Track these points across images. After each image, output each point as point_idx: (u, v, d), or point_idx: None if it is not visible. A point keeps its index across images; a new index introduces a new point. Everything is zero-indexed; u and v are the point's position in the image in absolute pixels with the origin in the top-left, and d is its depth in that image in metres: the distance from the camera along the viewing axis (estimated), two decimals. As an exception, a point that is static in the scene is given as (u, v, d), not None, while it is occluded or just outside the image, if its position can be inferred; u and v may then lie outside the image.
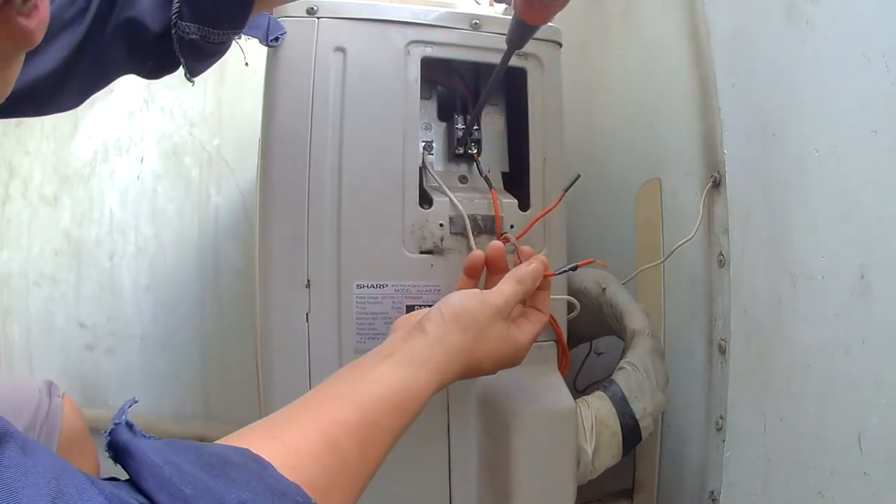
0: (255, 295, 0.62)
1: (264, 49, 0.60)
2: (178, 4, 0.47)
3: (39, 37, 0.27)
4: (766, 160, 0.63)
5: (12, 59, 0.28)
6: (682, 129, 0.76)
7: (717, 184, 0.70)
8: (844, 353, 0.54)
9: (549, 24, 0.66)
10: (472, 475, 0.62)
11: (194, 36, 0.47)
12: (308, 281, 0.58)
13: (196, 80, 0.52)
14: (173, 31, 0.47)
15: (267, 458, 0.33)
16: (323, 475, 0.35)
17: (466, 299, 0.48)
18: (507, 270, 0.55)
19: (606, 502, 0.82)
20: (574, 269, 0.56)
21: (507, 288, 0.50)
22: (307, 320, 0.58)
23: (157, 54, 0.49)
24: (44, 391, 0.73)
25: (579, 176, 0.62)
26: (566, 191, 0.62)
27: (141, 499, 0.27)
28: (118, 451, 0.30)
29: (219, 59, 0.53)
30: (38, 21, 0.27)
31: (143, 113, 1.25)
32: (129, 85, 1.24)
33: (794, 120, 0.60)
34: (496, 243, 0.55)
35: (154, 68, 0.51)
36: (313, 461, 0.35)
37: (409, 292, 0.60)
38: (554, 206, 0.62)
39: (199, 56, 0.50)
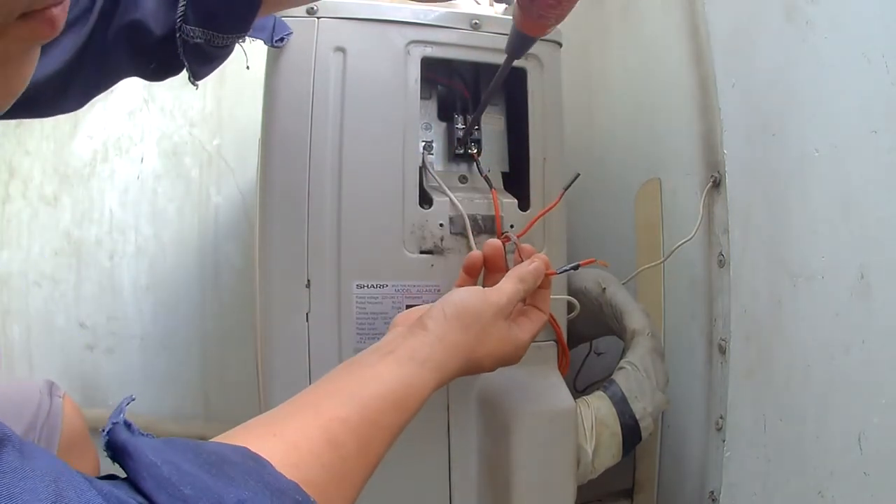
0: (255, 295, 0.62)
1: (264, 49, 0.60)
2: (182, 8, 0.46)
3: (62, 24, 0.27)
4: (766, 160, 0.63)
5: (31, 51, 0.28)
6: (682, 129, 0.76)
7: (717, 184, 0.70)
8: (844, 353, 0.54)
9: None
10: (472, 475, 0.62)
11: (199, 40, 0.47)
12: (308, 281, 0.58)
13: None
14: (177, 35, 0.47)
15: (266, 456, 0.33)
16: (323, 473, 0.35)
17: (468, 297, 0.48)
18: (505, 269, 0.55)
19: (606, 502, 0.82)
20: (575, 268, 0.56)
21: (508, 286, 0.50)
22: (307, 320, 0.58)
23: (161, 57, 0.49)
24: (44, 391, 0.73)
25: (578, 175, 0.62)
26: (566, 190, 0.62)
27: (139, 498, 0.27)
28: (116, 451, 0.30)
29: (222, 62, 0.52)
30: (61, 8, 0.26)
31: (143, 113, 1.25)
32: (129, 85, 1.24)
33: (794, 120, 0.60)
34: (493, 241, 0.55)
35: (157, 71, 0.51)
36: (313, 459, 0.35)
37: (409, 292, 0.60)
38: (554, 206, 0.62)
39: (203, 60, 0.50)
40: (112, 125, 1.24)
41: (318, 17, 0.59)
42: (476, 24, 0.63)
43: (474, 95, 0.69)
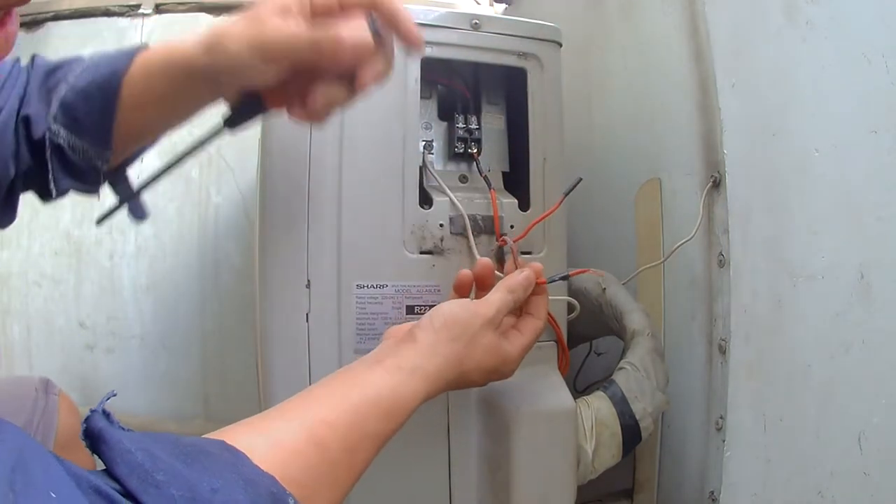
0: (255, 295, 0.62)
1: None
2: (56, 105, 0.47)
3: (7, 51, 0.27)
4: (766, 160, 0.63)
5: None
6: (682, 129, 0.76)
7: (717, 184, 0.70)
8: (844, 353, 0.54)
9: (549, 24, 0.67)
10: (472, 475, 0.62)
11: (61, 141, 0.47)
12: (308, 281, 0.58)
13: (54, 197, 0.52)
14: (47, 134, 0.47)
15: (248, 451, 0.34)
16: (307, 471, 0.36)
17: (457, 309, 0.49)
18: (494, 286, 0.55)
19: (606, 502, 0.82)
20: (565, 278, 0.56)
21: (496, 297, 0.51)
22: (307, 320, 0.58)
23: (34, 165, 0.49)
24: (40, 389, 0.73)
25: (581, 179, 0.61)
26: (566, 195, 0.62)
27: (113, 484, 0.27)
28: (93, 439, 0.30)
29: (85, 190, 0.52)
30: (4, 35, 0.27)
31: (143, 113, 1.25)
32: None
33: (795, 120, 0.60)
34: (484, 261, 0.55)
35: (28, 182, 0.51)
36: (297, 457, 0.36)
37: (409, 292, 0.60)
38: (553, 210, 0.61)
39: (65, 168, 0.49)
40: (112, 125, 1.24)
41: (318, 17, 0.59)
42: (476, 24, 0.63)
43: (474, 95, 0.69)
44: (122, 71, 0.48)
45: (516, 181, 0.67)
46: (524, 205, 0.64)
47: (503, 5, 0.73)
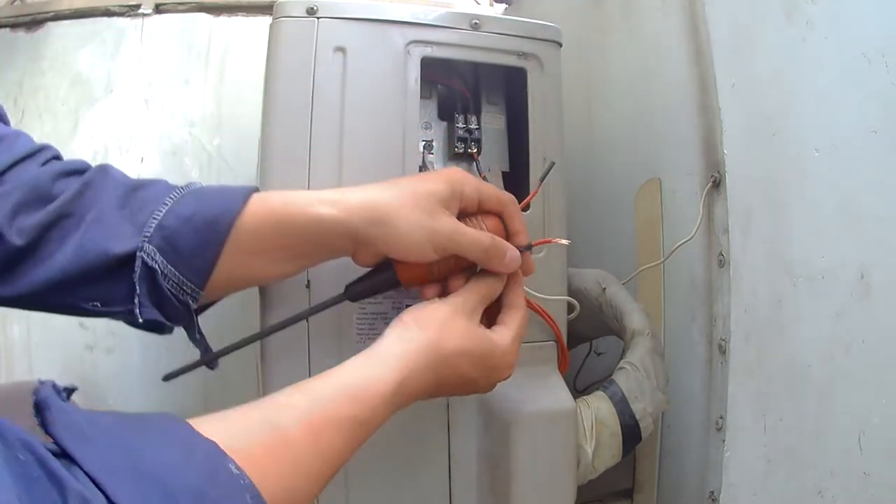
0: (255, 295, 0.62)
1: (264, 48, 0.60)
2: (152, 226, 0.46)
3: None
4: (766, 160, 0.63)
5: None
6: (682, 129, 0.76)
7: (717, 184, 0.70)
8: (844, 353, 0.54)
9: (550, 24, 0.67)
10: (472, 475, 0.62)
11: (154, 265, 0.45)
12: (308, 281, 0.58)
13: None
14: (139, 253, 0.45)
15: (197, 425, 0.34)
16: (258, 449, 0.35)
17: (424, 303, 0.49)
18: None
19: (606, 502, 0.82)
20: (529, 248, 0.54)
21: (464, 283, 0.51)
22: (307, 320, 0.58)
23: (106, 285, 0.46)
24: None
25: (553, 163, 0.61)
26: (542, 180, 0.61)
27: (50, 446, 0.28)
28: (40, 409, 0.31)
29: (169, 326, 0.51)
30: None
31: (143, 113, 1.25)
32: (129, 85, 1.24)
33: (794, 120, 0.60)
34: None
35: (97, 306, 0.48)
36: (244, 432, 0.36)
37: (409, 292, 0.60)
38: (531, 197, 0.61)
39: (151, 297, 0.47)
40: (112, 125, 1.24)
41: (318, 18, 0.59)
42: (476, 24, 0.63)
43: (474, 95, 0.69)
44: (235, 210, 0.47)
45: (516, 181, 0.67)
46: (524, 205, 0.64)
47: (503, 5, 0.73)
